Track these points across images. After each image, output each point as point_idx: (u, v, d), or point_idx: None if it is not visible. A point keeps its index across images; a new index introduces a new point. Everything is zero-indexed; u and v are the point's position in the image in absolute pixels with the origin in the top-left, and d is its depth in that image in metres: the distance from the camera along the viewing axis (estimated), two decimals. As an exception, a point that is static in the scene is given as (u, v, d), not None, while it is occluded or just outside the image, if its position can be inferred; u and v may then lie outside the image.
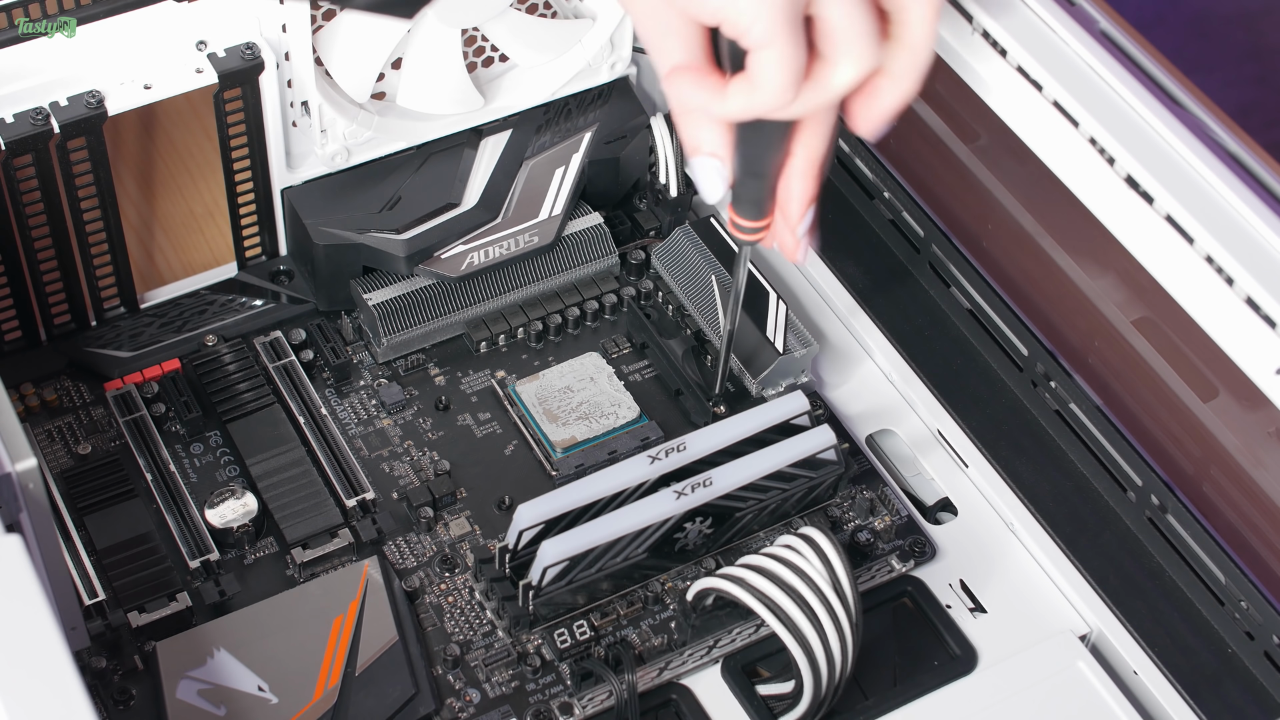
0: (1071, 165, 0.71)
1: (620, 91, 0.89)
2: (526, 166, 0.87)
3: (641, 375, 0.84)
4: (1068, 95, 0.69)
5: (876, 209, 0.91)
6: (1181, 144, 0.67)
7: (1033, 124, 0.72)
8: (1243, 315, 0.64)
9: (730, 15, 0.55)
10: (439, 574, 0.76)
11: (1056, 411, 0.82)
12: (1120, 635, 0.75)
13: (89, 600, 0.72)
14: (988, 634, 0.75)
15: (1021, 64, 0.71)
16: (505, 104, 0.87)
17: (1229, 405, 0.74)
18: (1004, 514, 0.80)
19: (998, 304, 0.84)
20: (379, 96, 0.84)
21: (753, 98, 0.57)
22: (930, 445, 0.83)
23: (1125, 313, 0.79)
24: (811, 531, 0.70)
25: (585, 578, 0.72)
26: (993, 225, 0.86)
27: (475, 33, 0.85)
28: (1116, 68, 0.69)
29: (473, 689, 0.72)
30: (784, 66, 0.56)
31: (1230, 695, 0.73)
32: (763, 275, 0.84)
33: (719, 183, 0.63)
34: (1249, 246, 0.64)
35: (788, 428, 0.75)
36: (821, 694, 0.69)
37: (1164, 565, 0.77)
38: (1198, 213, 0.65)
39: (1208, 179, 0.66)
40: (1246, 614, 0.73)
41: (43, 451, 0.79)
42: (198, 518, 0.76)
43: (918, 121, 0.89)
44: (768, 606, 0.69)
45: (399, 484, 0.79)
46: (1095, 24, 0.72)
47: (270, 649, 0.71)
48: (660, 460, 0.72)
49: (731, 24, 0.55)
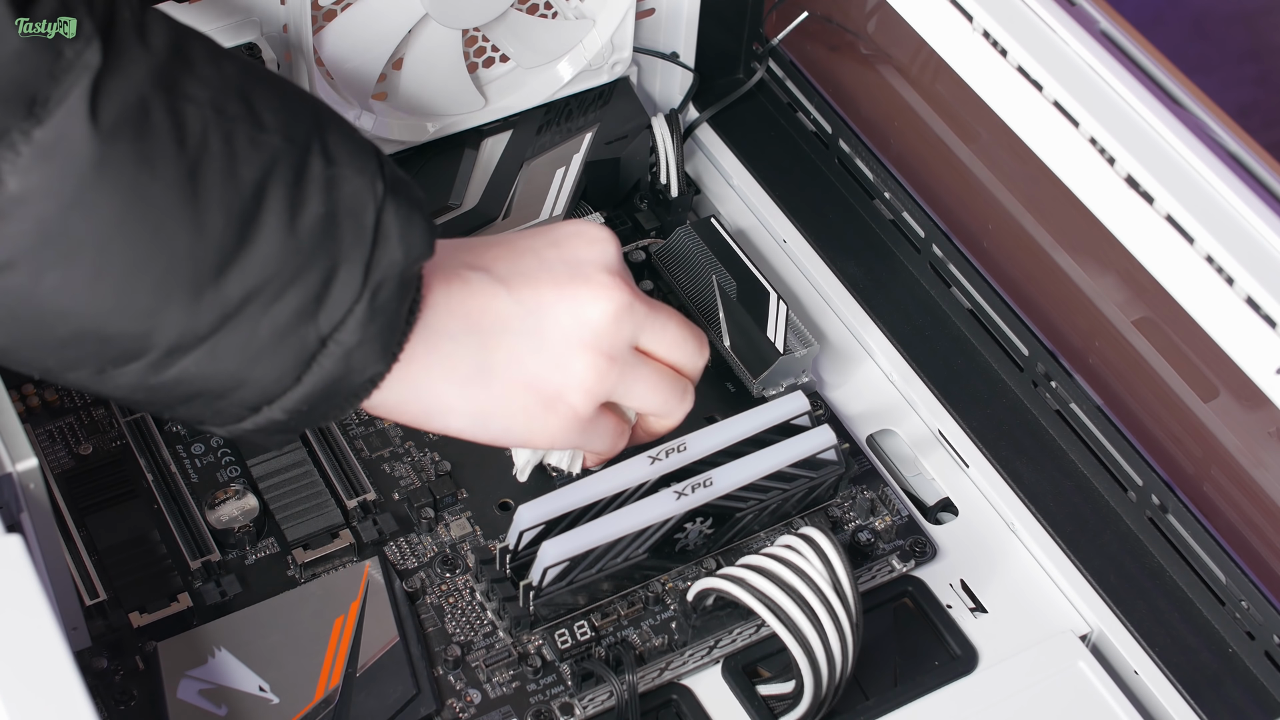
0: (1072, 165, 0.71)
1: (621, 92, 0.89)
2: (527, 167, 0.87)
3: (642, 375, 0.84)
4: (1068, 95, 0.69)
5: (877, 209, 0.91)
6: (1181, 144, 0.67)
7: (1033, 124, 0.72)
8: (1243, 315, 0.64)
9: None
10: (440, 574, 0.76)
11: (1057, 411, 0.82)
12: (1121, 635, 0.75)
13: (90, 600, 0.72)
14: (988, 634, 0.75)
15: (1022, 64, 0.71)
16: (506, 104, 0.87)
17: (1229, 405, 0.75)
18: (1004, 514, 0.80)
19: (998, 304, 0.84)
20: (380, 97, 0.84)
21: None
22: (931, 445, 0.83)
23: (1126, 313, 0.79)
24: (812, 532, 0.70)
25: (586, 578, 0.72)
26: (993, 225, 0.86)
27: (476, 33, 0.85)
28: (1116, 67, 0.69)
29: (474, 689, 0.72)
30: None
31: (1231, 695, 0.73)
32: (763, 275, 0.84)
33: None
34: (1249, 246, 0.64)
35: (788, 428, 0.75)
36: (822, 694, 0.69)
37: (1164, 565, 0.77)
38: (1198, 212, 0.65)
39: (1207, 179, 0.66)
40: (1247, 614, 0.74)
41: (44, 452, 0.79)
42: (199, 518, 0.76)
43: (918, 122, 0.89)
44: (768, 607, 0.69)
45: (400, 485, 0.79)
46: (1095, 24, 0.72)
47: (271, 649, 0.71)
48: (660, 461, 0.72)
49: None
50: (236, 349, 0.55)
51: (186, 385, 0.56)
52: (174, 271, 0.53)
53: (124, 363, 0.55)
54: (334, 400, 0.59)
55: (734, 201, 0.94)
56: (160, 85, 0.53)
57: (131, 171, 0.52)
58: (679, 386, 0.70)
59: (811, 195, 0.93)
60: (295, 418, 0.59)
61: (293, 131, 0.56)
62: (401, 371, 0.60)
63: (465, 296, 0.64)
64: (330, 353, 0.57)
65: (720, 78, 0.98)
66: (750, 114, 0.97)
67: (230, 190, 0.54)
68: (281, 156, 0.55)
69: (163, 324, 0.54)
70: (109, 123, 0.51)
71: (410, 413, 0.64)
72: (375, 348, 0.58)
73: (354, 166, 0.57)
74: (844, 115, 0.93)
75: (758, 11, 0.96)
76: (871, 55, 0.92)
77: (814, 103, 0.94)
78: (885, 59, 0.91)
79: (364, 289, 0.57)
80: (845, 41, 0.94)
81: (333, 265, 0.56)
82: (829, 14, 0.94)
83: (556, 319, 0.65)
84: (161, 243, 0.53)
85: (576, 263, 0.66)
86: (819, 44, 0.96)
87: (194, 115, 0.53)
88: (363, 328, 0.57)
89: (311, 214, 0.55)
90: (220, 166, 0.54)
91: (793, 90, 0.96)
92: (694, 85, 0.95)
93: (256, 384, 0.57)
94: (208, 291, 0.54)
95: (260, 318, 0.55)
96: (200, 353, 0.55)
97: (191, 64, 0.54)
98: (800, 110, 0.96)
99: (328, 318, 0.56)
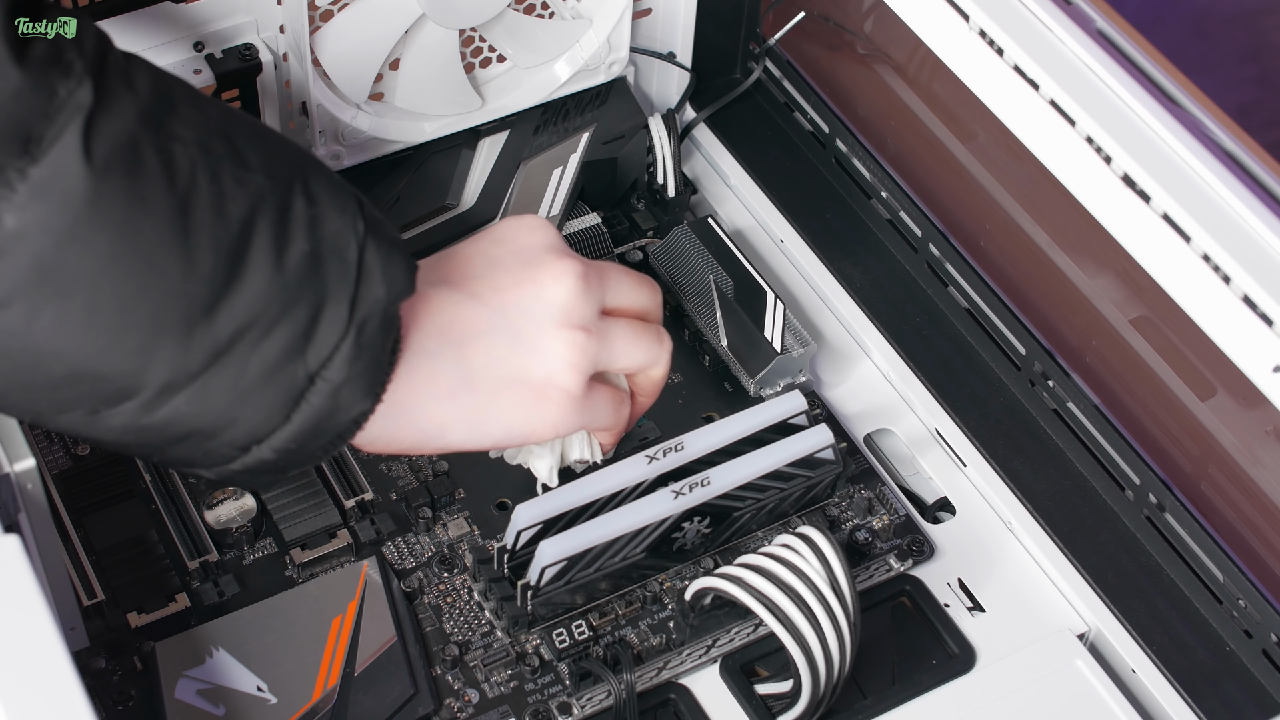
0: (1068, 164, 0.71)
1: (618, 92, 0.89)
2: (524, 167, 0.87)
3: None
4: (1064, 94, 0.69)
5: (874, 209, 0.91)
6: (1177, 141, 0.67)
7: (1029, 123, 0.72)
8: (1240, 314, 0.64)
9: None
10: (437, 574, 0.76)
11: (1054, 410, 0.82)
12: (1118, 634, 0.75)
13: (88, 601, 0.72)
14: (986, 633, 0.75)
15: (1018, 63, 0.71)
16: (503, 105, 0.87)
17: (1226, 404, 0.75)
18: (1002, 513, 0.80)
19: (995, 303, 0.84)
20: (377, 97, 0.84)
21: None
22: (928, 444, 0.83)
23: (1123, 311, 0.79)
24: (810, 531, 0.70)
25: (583, 578, 0.72)
26: (990, 224, 0.86)
27: (473, 33, 0.85)
28: (1112, 66, 0.70)
29: (471, 689, 0.72)
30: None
31: (1228, 693, 0.73)
32: (760, 275, 0.84)
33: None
34: (1245, 244, 0.64)
35: (786, 427, 0.75)
36: (820, 693, 0.69)
37: (1162, 564, 0.78)
38: (1194, 211, 0.65)
39: (1203, 176, 0.66)
40: (1244, 612, 0.74)
41: (41, 452, 0.79)
42: (196, 518, 0.76)
43: (915, 121, 0.89)
44: (766, 606, 0.69)
45: (397, 484, 0.79)
46: (1092, 23, 0.72)
47: (269, 649, 0.71)
48: (658, 460, 0.72)
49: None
50: (227, 387, 0.56)
51: (178, 425, 0.56)
52: (166, 308, 0.54)
53: (117, 403, 0.55)
54: (321, 439, 0.59)
55: (731, 201, 0.94)
56: (149, 125, 0.53)
57: (124, 207, 0.52)
58: (652, 331, 0.71)
59: (809, 195, 0.93)
60: (284, 457, 0.59)
61: (275, 171, 0.56)
62: (386, 403, 0.61)
63: (432, 312, 0.64)
64: (318, 390, 0.57)
65: (717, 77, 0.98)
66: (747, 114, 0.97)
67: (219, 227, 0.54)
68: (267, 195, 0.56)
69: (155, 362, 0.54)
70: (102, 160, 0.52)
71: (408, 439, 0.64)
72: (361, 384, 0.59)
73: (335, 206, 0.58)
74: (841, 115, 0.93)
75: (754, 11, 0.96)
76: (868, 55, 0.92)
77: (811, 102, 0.95)
78: (882, 58, 0.91)
79: (350, 325, 0.57)
80: (842, 41, 0.94)
81: (319, 302, 0.56)
82: (826, 14, 0.94)
83: (523, 309, 0.66)
84: (154, 279, 0.53)
85: (523, 252, 0.67)
86: (816, 44, 0.96)
87: (182, 154, 0.54)
88: (349, 364, 0.58)
89: (297, 251, 0.56)
90: (209, 204, 0.54)
91: (790, 90, 0.96)
92: (691, 85, 0.95)
93: (246, 423, 0.57)
94: (199, 328, 0.54)
95: (250, 355, 0.56)
96: (192, 391, 0.55)
97: (175, 105, 0.55)
98: (797, 110, 0.96)
99: (315, 354, 0.57)
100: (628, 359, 0.70)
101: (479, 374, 0.65)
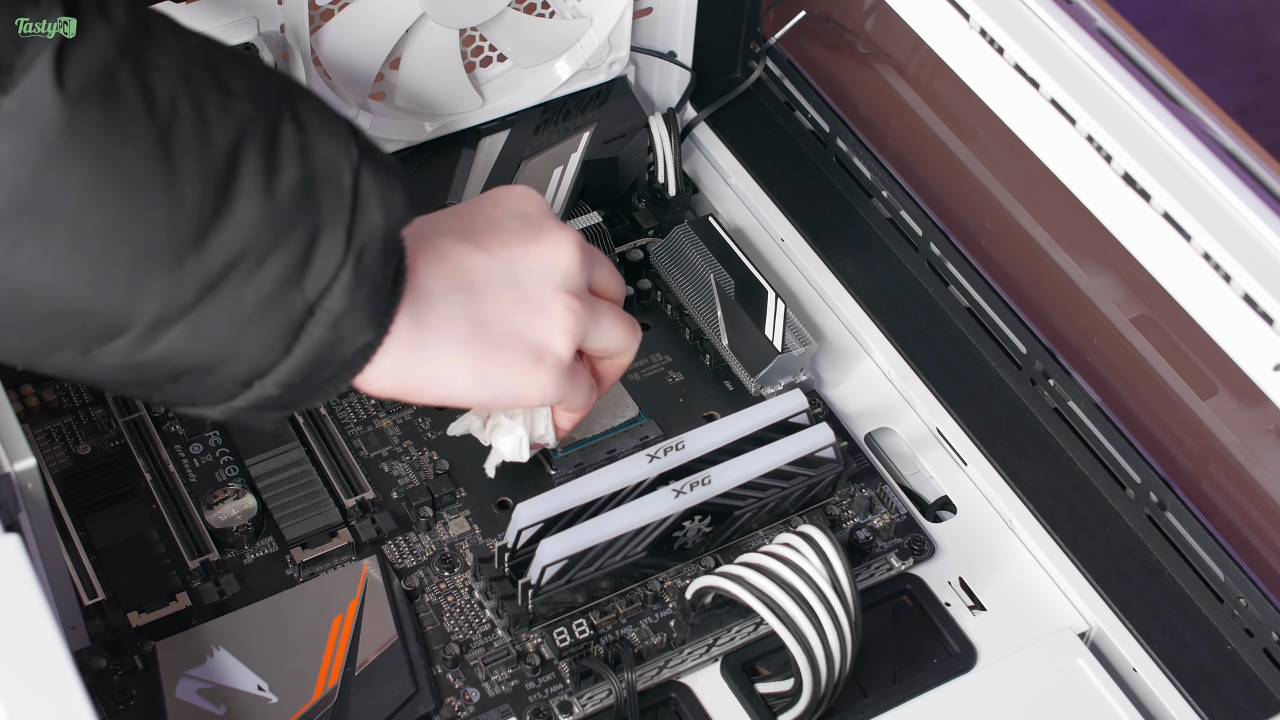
0: (1069, 163, 0.71)
1: (618, 91, 0.89)
2: (525, 166, 0.87)
3: (640, 374, 0.84)
4: (1064, 93, 0.69)
5: (875, 208, 0.91)
6: (1177, 140, 0.67)
7: (1030, 122, 0.72)
8: (1240, 312, 0.64)
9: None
10: (438, 573, 0.76)
11: (1055, 409, 0.82)
12: (1119, 633, 0.75)
13: (89, 600, 0.72)
14: (987, 632, 0.75)
15: (1018, 62, 0.71)
16: (503, 104, 0.87)
17: (1227, 402, 0.75)
18: (1003, 512, 0.80)
19: (996, 302, 0.84)
20: (377, 96, 0.84)
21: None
22: (929, 443, 0.83)
23: (1123, 310, 0.79)
24: (811, 530, 0.70)
25: (584, 576, 0.72)
26: (991, 223, 0.86)
27: (473, 33, 0.85)
28: (1113, 64, 0.70)
29: (472, 688, 0.72)
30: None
31: (1229, 692, 0.73)
32: (761, 274, 0.84)
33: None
34: (1245, 242, 0.64)
35: (786, 426, 0.75)
36: (821, 692, 0.69)
37: (1163, 562, 0.77)
38: (1194, 209, 0.65)
39: (1204, 175, 0.66)
40: (1245, 611, 0.74)
41: (42, 452, 0.79)
42: (197, 518, 0.76)
43: (916, 120, 0.89)
44: (767, 605, 0.69)
45: (398, 483, 0.79)
46: (1092, 22, 0.72)
47: (270, 648, 0.71)
48: (659, 459, 0.72)
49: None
50: (222, 320, 0.54)
51: (174, 361, 0.55)
52: (152, 240, 0.52)
53: (108, 340, 0.53)
54: (325, 372, 0.58)
55: (732, 200, 0.94)
56: (125, 54, 0.52)
57: (101, 137, 0.51)
58: (628, 318, 0.72)
59: (809, 194, 0.93)
60: (288, 392, 0.57)
61: (262, 99, 0.55)
62: (400, 338, 0.60)
63: (443, 258, 0.63)
64: (319, 321, 0.56)
65: (718, 77, 0.98)
66: (748, 113, 0.97)
67: (204, 156, 0.53)
68: (253, 122, 0.54)
69: (144, 296, 0.53)
70: (76, 89, 0.50)
71: (414, 382, 0.63)
72: (364, 314, 0.57)
73: (326, 132, 0.56)
74: (842, 114, 0.93)
75: (755, 10, 0.96)
76: (869, 54, 0.92)
77: (811, 101, 0.95)
78: (883, 58, 0.91)
79: (348, 253, 0.56)
80: (843, 40, 0.94)
81: (314, 231, 0.55)
82: (826, 13, 0.94)
83: (528, 268, 0.66)
84: (138, 210, 0.52)
85: (523, 216, 0.68)
86: (816, 43, 0.96)
87: (161, 82, 0.53)
88: (350, 294, 0.56)
89: (288, 179, 0.55)
90: (192, 132, 0.53)
91: (790, 89, 0.96)
92: (691, 84, 0.95)
93: (245, 356, 0.56)
94: (188, 260, 0.53)
95: (244, 286, 0.54)
96: (185, 325, 0.54)
97: (154, 35, 0.54)
98: (798, 109, 0.96)
99: (313, 284, 0.55)
100: (608, 339, 0.70)
101: (489, 324, 0.64)
